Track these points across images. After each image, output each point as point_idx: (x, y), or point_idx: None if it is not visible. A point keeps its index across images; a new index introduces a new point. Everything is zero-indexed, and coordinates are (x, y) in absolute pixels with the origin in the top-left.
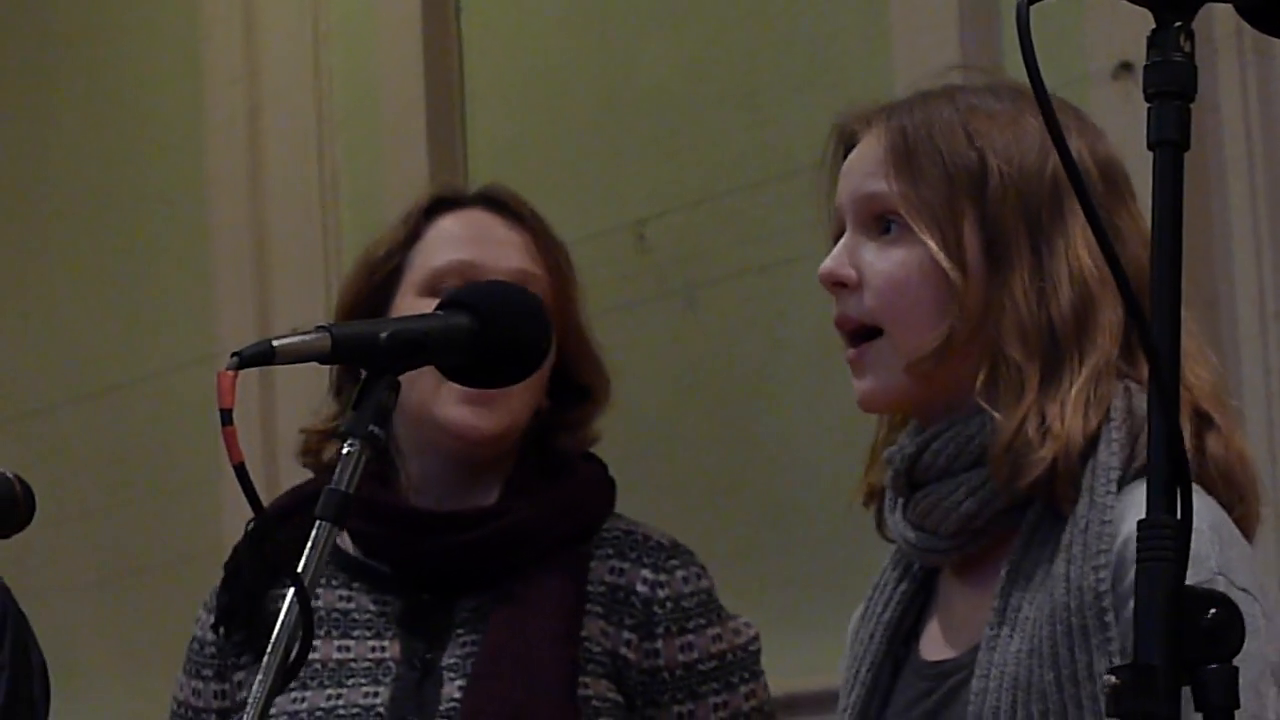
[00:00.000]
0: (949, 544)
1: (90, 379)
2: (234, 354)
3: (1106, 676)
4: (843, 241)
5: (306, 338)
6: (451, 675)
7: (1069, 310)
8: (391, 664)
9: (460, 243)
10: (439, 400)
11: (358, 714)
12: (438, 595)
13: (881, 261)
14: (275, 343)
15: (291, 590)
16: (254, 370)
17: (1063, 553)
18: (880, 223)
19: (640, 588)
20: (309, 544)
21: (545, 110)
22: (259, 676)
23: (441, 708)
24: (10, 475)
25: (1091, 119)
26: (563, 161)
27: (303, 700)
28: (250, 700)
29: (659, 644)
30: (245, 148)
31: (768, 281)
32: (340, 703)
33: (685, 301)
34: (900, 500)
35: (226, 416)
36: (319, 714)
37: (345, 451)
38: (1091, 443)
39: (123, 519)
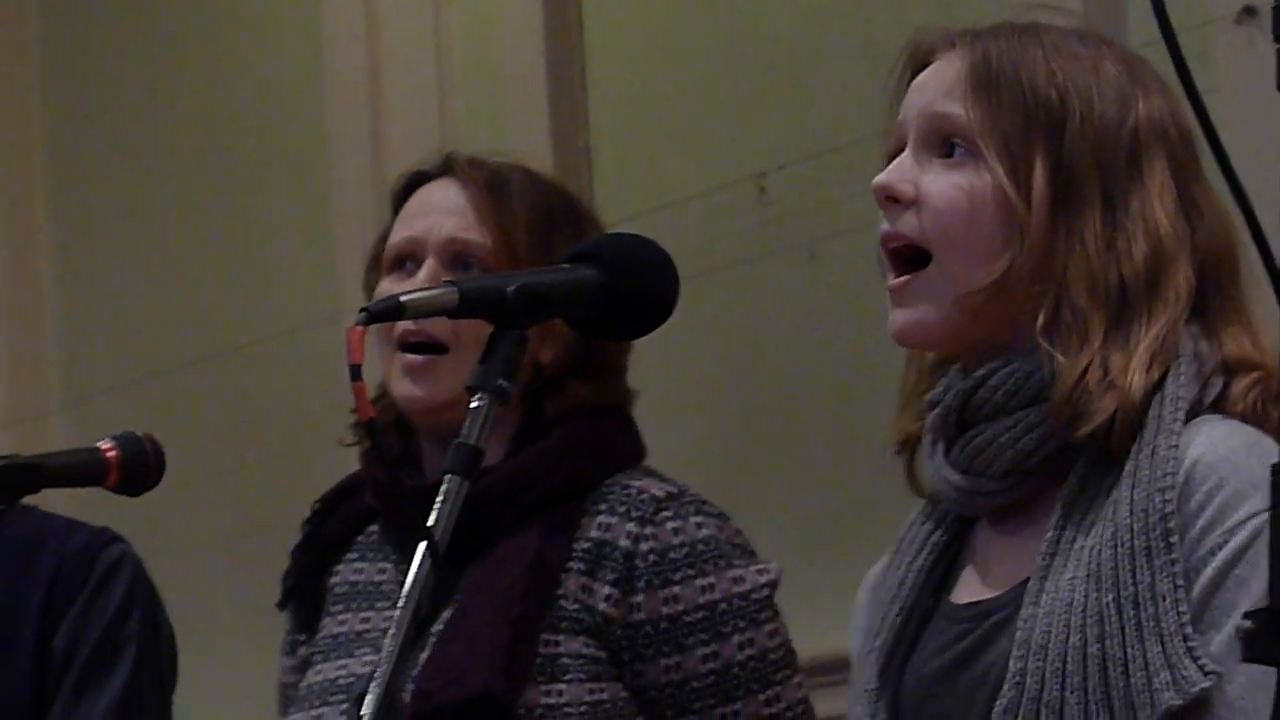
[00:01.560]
0: (997, 485)
1: (216, 339)
2: (362, 309)
3: (1242, 621)
4: (902, 156)
5: (434, 292)
6: (432, 640)
7: (1142, 265)
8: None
9: (410, 218)
10: (391, 374)
11: (352, 683)
12: (449, 563)
13: (942, 182)
14: (403, 298)
15: (423, 545)
16: (378, 327)
17: (1126, 479)
18: (945, 144)
19: (623, 542)
20: (440, 498)
21: (665, 64)
22: (391, 630)
23: (413, 673)
24: (140, 435)
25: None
26: (683, 115)
27: (319, 673)
28: (383, 655)
29: (640, 598)
30: (366, 106)
31: None
32: (343, 673)
33: (808, 254)
34: (941, 445)
35: (356, 372)
36: (324, 685)
37: (473, 406)
38: (1152, 394)
39: (250, 478)
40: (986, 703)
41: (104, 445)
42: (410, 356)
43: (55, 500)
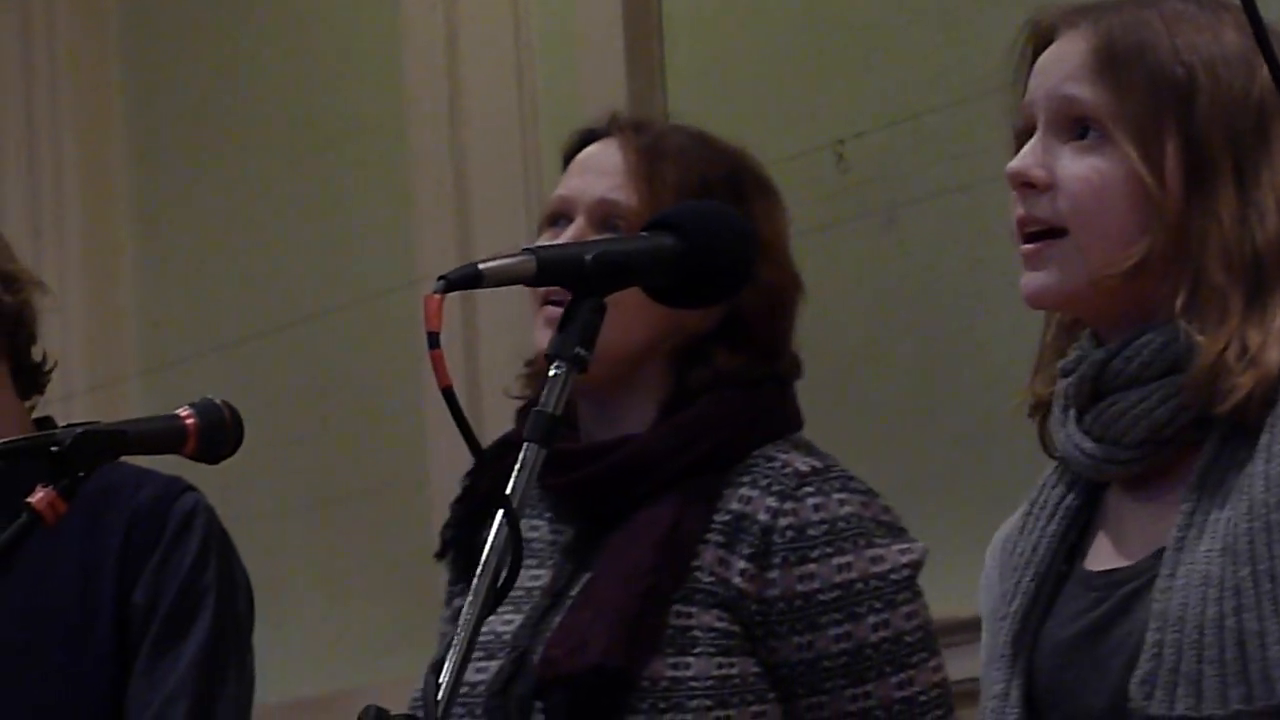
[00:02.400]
0: (1131, 454)
1: (294, 307)
2: (440, 277)
3: None
4: (1034, 141)
5: (512, 260)
6: (568, 605)
7: (1275, 238)
8: (538, 593)
9: (568, 177)
10: (536, 327)
11: (490, 641)
12: (595, 527)
13: (1077, 166)
14: (481, 266)
15: (500, 513)
16: (456, 296)
17: (1260, 453)
18: (1076, 127)
19: (762, 516)
20: (518, 466)
21: (743, 31)
22: (469, 598)
23: (547, 636)
24: (219, 402)
25: None
26: (761, 82)
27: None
28: (460, 623)
29: (775, 574)
30: (444, 73)
31: (969, 200)
32: (484, 630)
33: (885, 221)
34: (1073, 412)
35: (434, 340)
36: (489, 638)
37: (551, 374)
38: None
39: (327, 445)
40: (1122, 672)
41: (182, 413)
42: (551, 309)
43: (135, 463)
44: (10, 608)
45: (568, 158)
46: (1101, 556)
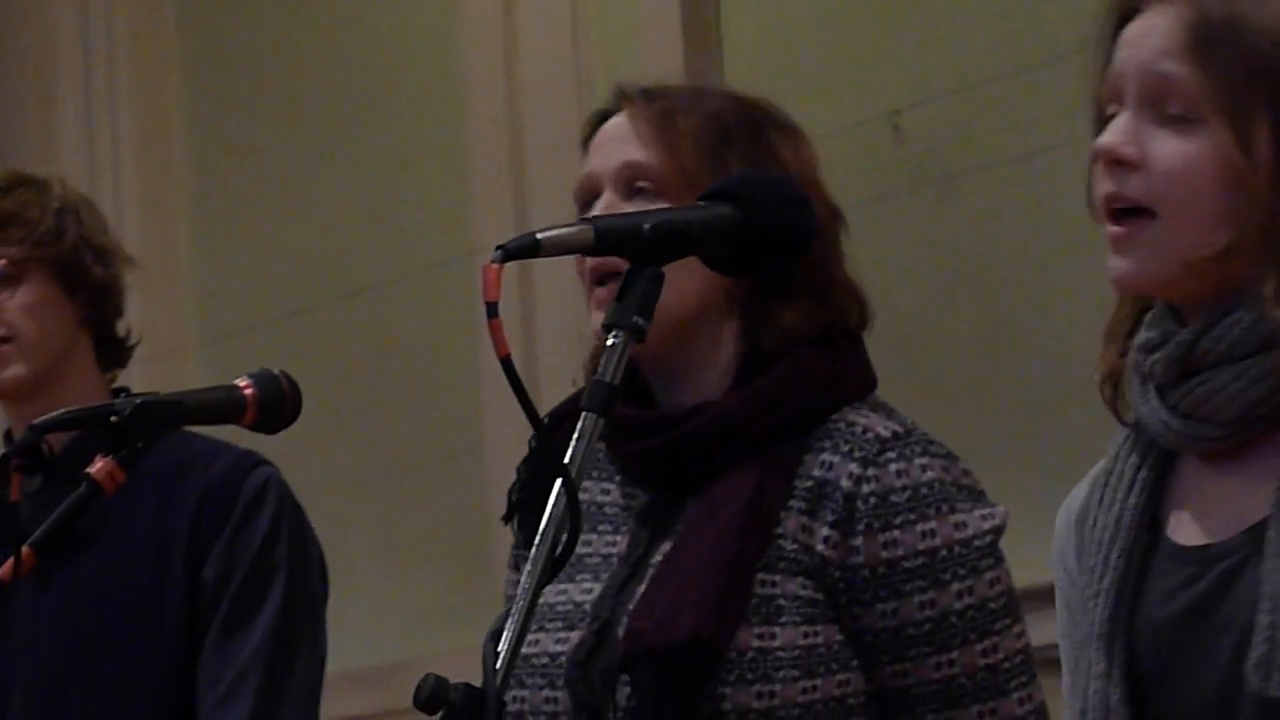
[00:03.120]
0: (1223, 432)
1: (351, 278)
2: (499, 247)
3: None
4: (1125, 118)
5: (570, 230)
6: (650, 573)
7: None
8: (615, 560)
9: (589, 159)
10: (589, 308)
11: (570, 610)
12: (672, 493)
13: (1169, 147)
14: (539, 235)
15: (559, 481)
16: (513, 265)
17: None
18: (1168, 105)
19: (845, 482)
20: (575, 435)
21: (799, 1)
22: (527, 567)
23: (630, 608)
24: (278, 373)
25: None
26: (817, 52)
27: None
28: (519, 591)
29: (859, 540)
30: (500, 43)
31: (1026, 170)
32: (562, 599)
33: (942, 192)
34: (1152, 387)
35: (492, 310)
36: (542, 610)
37: (610, 343)
38: None
39: (386, 416)
40: (1233, 651)
41: (241, 383)
42: (600, 290)
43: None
44: (84, 580)
45: (586, 143)
46: (1186, 529)
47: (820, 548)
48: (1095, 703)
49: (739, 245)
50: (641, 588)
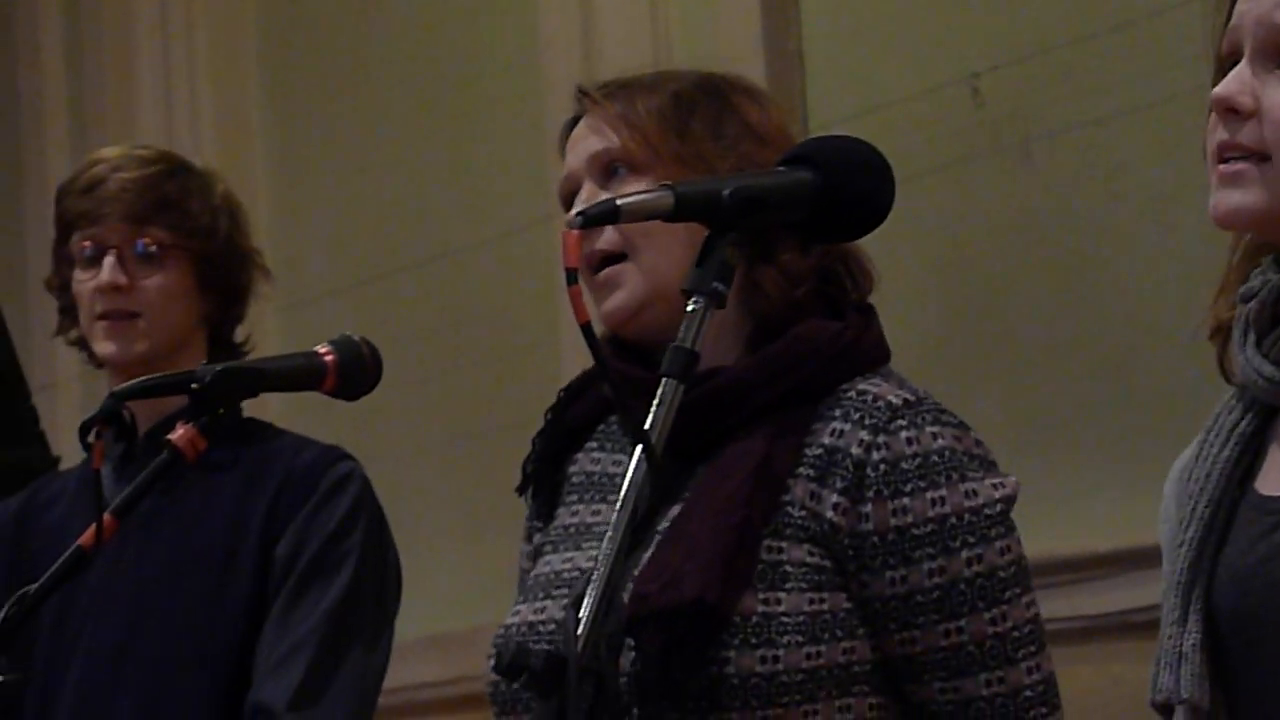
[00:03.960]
0: None
1: (429, 243)
2: (578, 213)
3: None
4: (1240, 66)
5: (649, 196)
6: (656, 539)
7: None
8: None
9: (565, 160)
10: (595, 299)
11: (575, 578)
12: (682, 459)
13: None
14: (619, 201)
15: (639, 448)
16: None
17: None
18: None
19: (854, 450)
20: (656, 402)
21: None
22: (609, 533)
23: (634, 573)
24: (358, 339)
25: None
26: (896, 17)
27: (546, 564)
28: (600, 558)
29: (868, 508)
30: (578, 7)
31: (1105, 134)
32: (568, 566)
33: (1020, 156)
34: (1253, 336)
35: (572, 276)
36: (549, 578)
37: (689, 309)
38: None
39: (464, 382)
40: None
41: (321, 350)
42: (596, 276)
43: (272, 404)
44: (159, 552)
45: (563, 149)
46: (1272, 480)
47: (829, 515)
48: (1168, 647)
49: (818, 211)
50: (648, 553)
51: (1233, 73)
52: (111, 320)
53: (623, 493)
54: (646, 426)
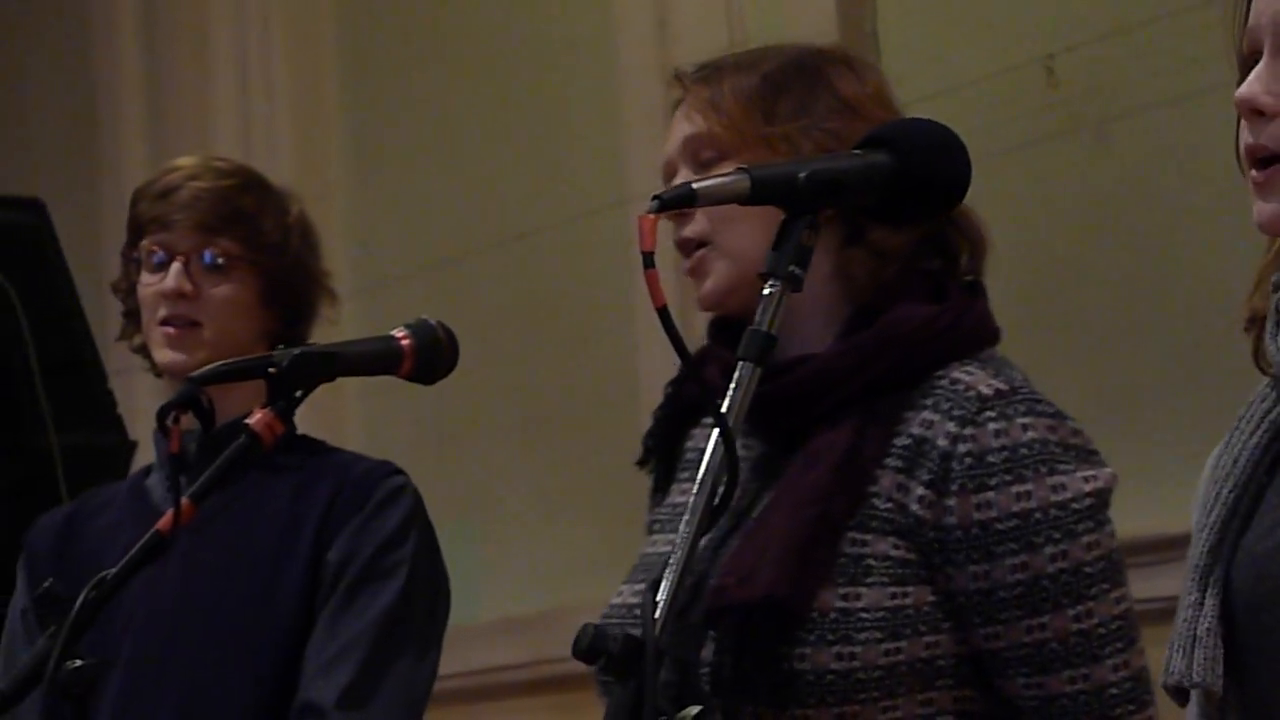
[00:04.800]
0: None
1: (504, 226)
2: (655, 197)
3: None
4: (1261, 66)
5: (725, 179)
6: (745, 529)
7: None
8: (724, 513)
9: (665, 144)
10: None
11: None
12: (782, 445)
13: None
14: (695, 185)
15: (716, 431)
16: (666, 215)
17: None
18: None
19: (941, 441)
20: (733, 384)
21: None
22: (685, 516)
23: (721, 561)
24: (434, 323)
25: None
26: None
27: (653, 545)
28: (678, 541)
29: (952, 501)
30: None
31: (1181, 114)
32: (668, 549)
33: (1095, 136)
34: None
35: (648, 260)
36: (654, 559)
37: (766, 292)
38: None
39: (539, 365)
40: None
41: (398, 334)
42: (686, 262)
43: (348, 388)
44: (210, 549)
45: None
46: None
47: (915, 507)
48: (1183, 630)
49: (894, 193)
50: (738, 542)
51: (1254, 73)
52: (173, 327)
53: (699, 476)
54: (724, 409)
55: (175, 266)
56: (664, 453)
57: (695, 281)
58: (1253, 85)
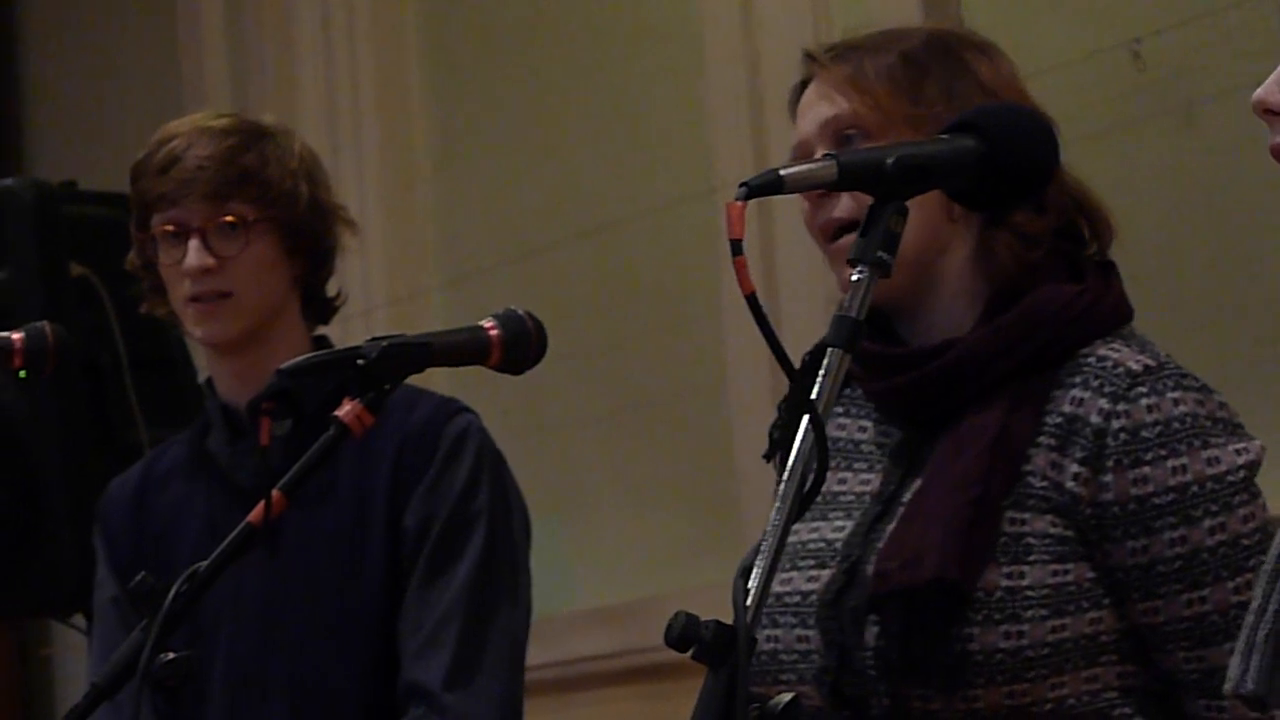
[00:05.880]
0: None
1: (591, 215)
2: (742, 184)
3: None
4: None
5: (813, 166)
6: (900, 512)
7: None
8: (869, 498)
9: (797, 126)
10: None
11: (821, 549)
12: (924, 430)
13: None
14: (783, 172)
15: (806, 418)
16: (753, 202)
17: None
18: None
19: (1094, 418)
20: (821, 371)
21: None
22: (776, 504)
23: (879, 546)
24: (522, 313)
25: None
26: None
27: (793, 534)
28: (767, 528)
29: (1109, 477)
30: None
31: None
32: (814, 537)
33: (1184, 120)
34: None
35: (737, 247)
36: (795, 548)
37: (854, 279)
38: None
39: (626, 354)
40: None
41: (487, 324)
42: (831, 245)
43: (435, 378)
44: (289, 531)
45: (794, 113)
46: None
47: (1070, 484)
48: (1245, 635)
49: (982, 178)
50: (891, 526)
51: (1273, 75)
52: (203, 302)
53: (789, 463)
54: (813, 396)
55: (193, 243)
56: (790, 443)
57: (838, 266)
58: (1269, 86)
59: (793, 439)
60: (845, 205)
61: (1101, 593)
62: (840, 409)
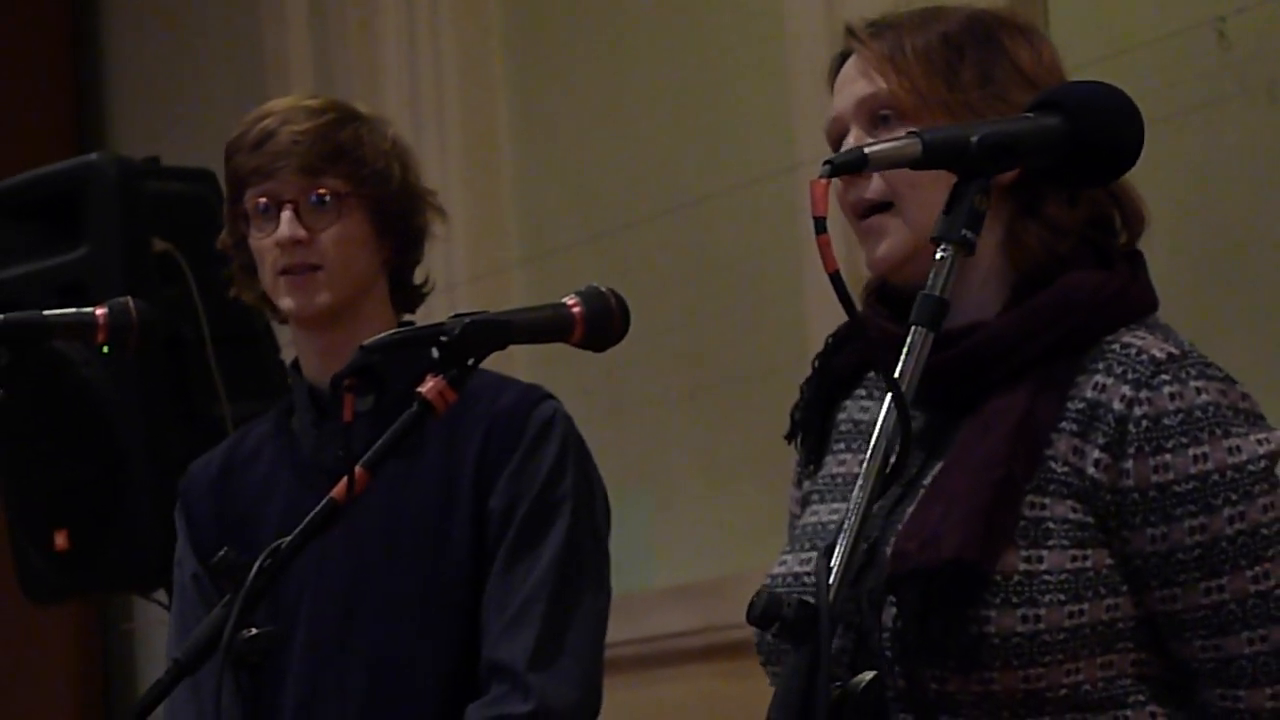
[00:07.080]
0: None
1: (673, 193)
2: (826, 162)
3: None
4: None
5: (897, 144)
6: (920, 495)
7: None
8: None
9: (834, 99)
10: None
11: (820, 530)
12: (947, 413)
13: None
14: (866, 150)
15: (889, 396)
16: (836, 181)
17: None
18: None
19: (1117, 405)
20: (905, 350)
21: None
22: (859, 483)
23: (899, 528)
24: (605, 290)
25: None
26: None
27: (814, 514)
28: (850, 508)
29: (1129, 464)
30: None
31: None
32: (835, 518)
33: (1268, 98)
34: None
35: (820, 225)
36: (816, 528)
37: (938, 257)
38: None
39: (709, 331)
40: None
41: (569, 301)
42: (861, 223)
43: (517, 355)
44: (374, 509)
45: (832, 85)
46: None
47: (1091, 470)
48: None
49: (1066, 157)
50: (912, 508)
51: None
52: (294, 275)
53: (872, 442)
54: (896, 374)
55: (286, 214)
56: (813, 426)
57: (867, 245)
58: None
59: (812, 421)
60: (876, 186)
61: (1119, 579)
62: (864, 391)
